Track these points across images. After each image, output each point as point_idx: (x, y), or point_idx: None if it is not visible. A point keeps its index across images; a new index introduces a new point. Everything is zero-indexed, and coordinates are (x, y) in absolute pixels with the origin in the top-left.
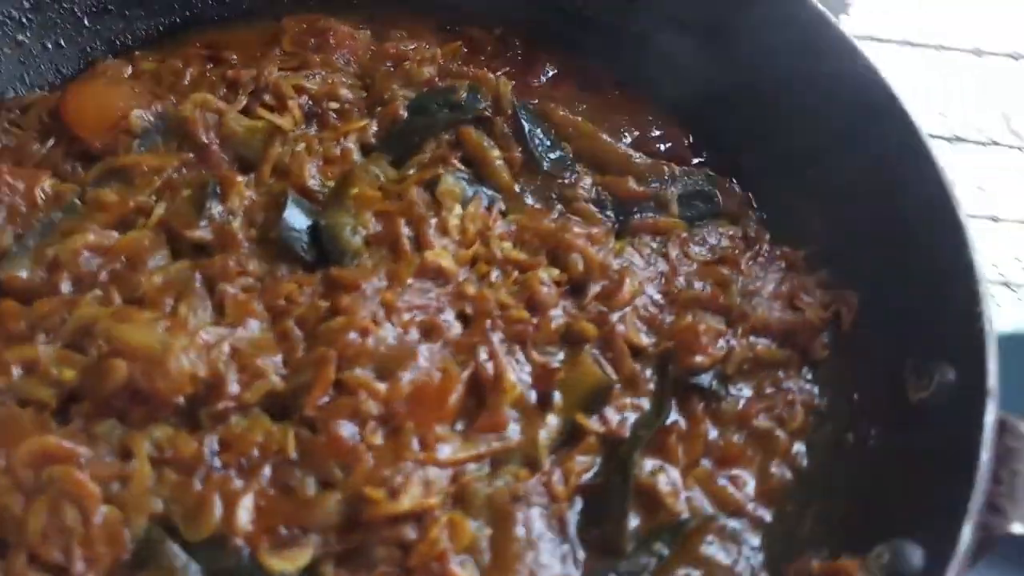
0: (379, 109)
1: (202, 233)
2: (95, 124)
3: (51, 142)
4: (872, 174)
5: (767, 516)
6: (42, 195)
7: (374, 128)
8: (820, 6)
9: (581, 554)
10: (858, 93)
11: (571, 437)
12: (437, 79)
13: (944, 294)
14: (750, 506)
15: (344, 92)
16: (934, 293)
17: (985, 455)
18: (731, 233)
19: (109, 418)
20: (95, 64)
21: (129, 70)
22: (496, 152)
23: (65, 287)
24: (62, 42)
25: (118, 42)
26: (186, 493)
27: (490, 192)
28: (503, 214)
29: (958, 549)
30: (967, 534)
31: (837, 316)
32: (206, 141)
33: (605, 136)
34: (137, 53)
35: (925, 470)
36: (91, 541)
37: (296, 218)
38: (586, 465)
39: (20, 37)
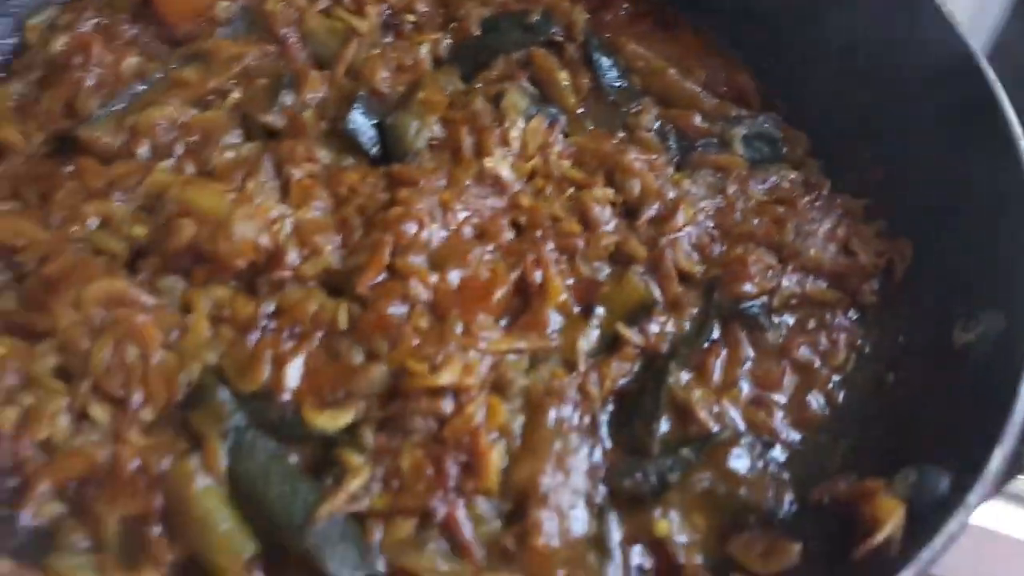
0: (453, 24)
1: (274, 119)
2: (182, 11)
3: (140, 25)
4: (938, 130)
5: (798, 442)
6: (128, 70)
7: (447, 42)
8: None
9: (608, 450)
10: (929, 48)
11: (610, 346)
12: (513, 2)
13: (997, 246)
14: (782, 431)
15: (421, 5)
16: (988, 246)
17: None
18: (792, 177)
19: (173, 275)
20: None
21: None
22: (564, 75)
23: (142, 153)
24: None
25: None
26: (239, 349)
27: (554, 112)
28: (565, 134)
29: (986, 472)
30: (997, 458)
31: (890, 264)
32: (285, 35)
33: (674, 72)
34: None
35: (962, 406)
36: (148, 379)
37: (364, 115)
38: (622, 371)
39: None
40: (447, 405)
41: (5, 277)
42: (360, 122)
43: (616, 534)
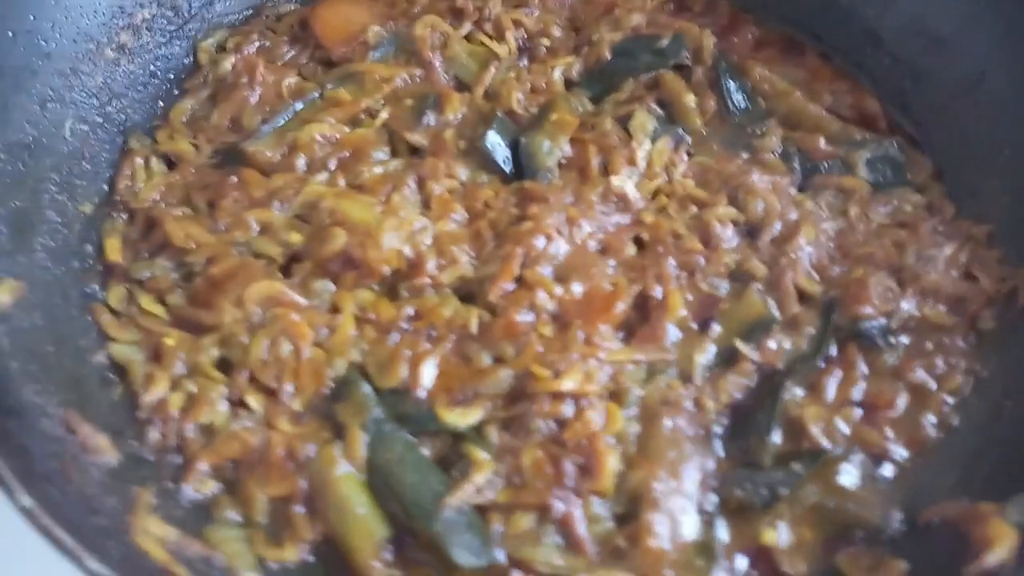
0: (585, 49)
1: (419, 137)
2: (337, 35)
3: (298, 48)
4: None
5: (909, 462)
6: (287, 90)
7: (579, 66)
8: None
9: (721, 461)
10: None
11: (727, 361)
12: (644, 27)
13: None
14: (893, 449)
15: (556, 30)
16: None
17: None
18: (915, 200)
19: (324, 278)
20: None
21: None
22: (691, 97)
23: (299, 166)
24: None
25: None
26: (381, 347)
27: (680, 133)
28: (690, 154)
29: None
30: None
31: (1013, 292)
32: (431, 59)
33: (800, 96)
34: None
35: None
36: (299, 373)
37: (499, 134)
38: (738, 386)
39: None
40: (568, 409)
41: (176, 276)
42: (495, 141)
43: (724, 540)
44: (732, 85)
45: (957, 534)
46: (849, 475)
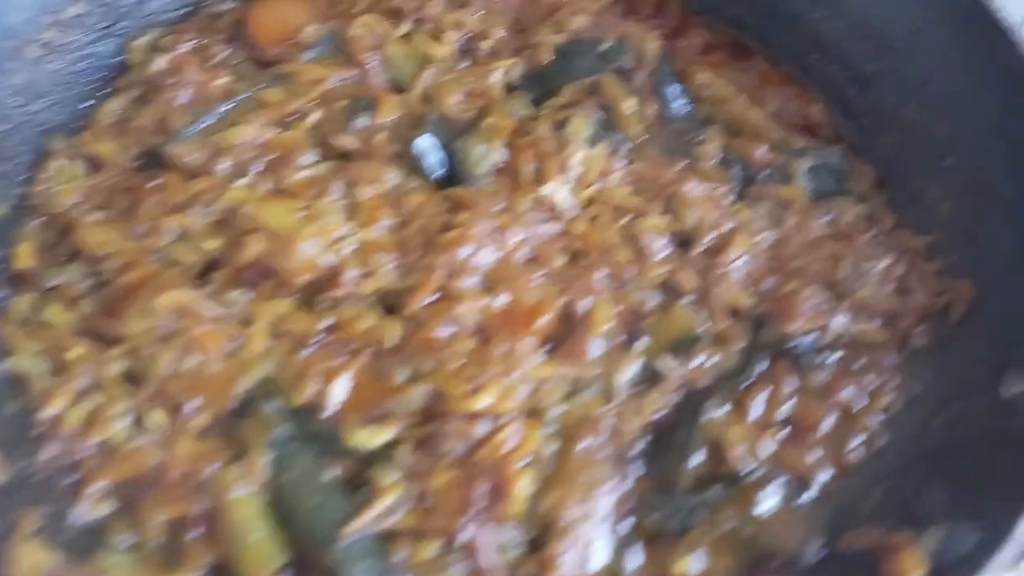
0: (527, 51)
1: (349, 141)
2: (272, 35)
3: (233, 48)
4: (1007, 170)
5: (832, 485)
6: (218, 90)
7: (520, 69)
8: None
9: (637, 484)
10: (1009, 85)
11: (651, 378)
12: (588, 30)
13: None
14: (817, 472)
15: (498, 32)
16: None
17: None
18: (855, 210)
19: (241, 287)
20: None
21: None
22: (630, 102)
23: (222, 170)
24: None
25: None
26: (293, 361)
27: (618, 139)
28: (627, 161)
29: (1011, 537)
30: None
31: (947, 306)
32: (366, 60)
33: (743, 102)
34: None
35: (1002, 462)
36: (205, 387)
37: (431, 139)
38: (660, 404)
39: None
40: (482, 429)
41: (89, 284)
42: (427, 145)
43: (636, 568)
44: (674, 90)
45: (873, 562)
46: (769, 500)
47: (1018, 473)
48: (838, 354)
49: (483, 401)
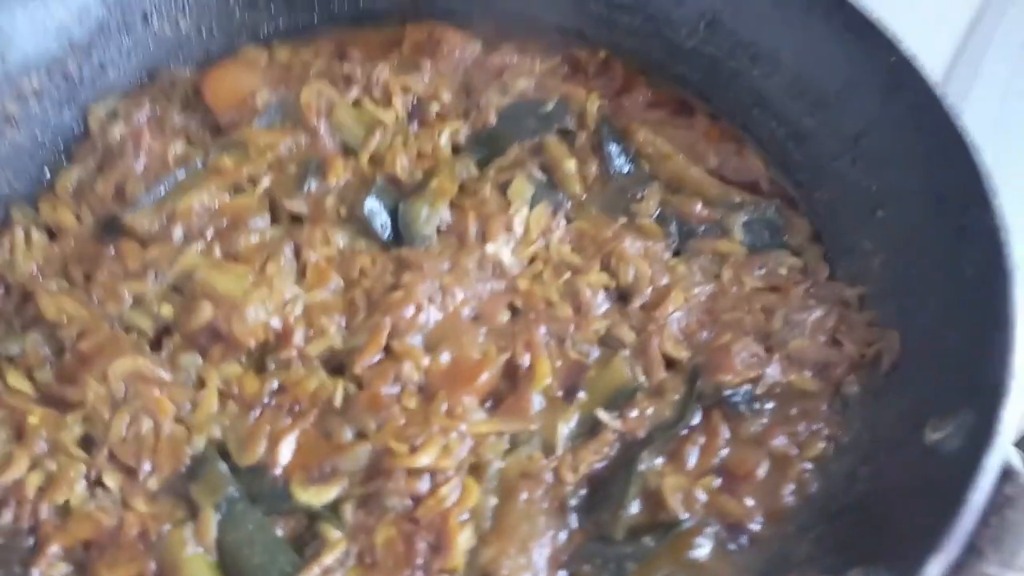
0: (473, 114)
1: (299, 204)
2: (227, 101)
3: (189, 114)
4: (935, 222)
5: (765, 532)
6: (173, 158)
7: (466, 131)
8: (904, 53)
9: (574, 535)
10: (933, 141)
11: (590, 431)
12: (532, 91)
13: (981, 345)
14: (750, 520)
15: (445, 95)
16: (973, 343)
17: (975, 496)
18: (791, 264)
19: (193, 352)
20: (238, 50)
21: (266, 58)
22: (572, 162)
23: (177, 236)
24: (214, 29)
25: (261, 33)
26: (242, 423)
27: (560, 198)
28: (569, 220)
29: None
30: (933, 568)
31: (878, 356)
32: (316, 125)
33: (682, 159)
34: (276, 44)
35: (918, 507)
36: (158, 450)
37: (378, 201)
38: (597, 457)
39: (180, 22)
40: (424, 485)
41: (46, 351)
42: (374, 207)
43: None
44: (615, 149)
45: None
46: (702, 548)
47: (930, 518)
48: (772, 404)
49: (424, 458)
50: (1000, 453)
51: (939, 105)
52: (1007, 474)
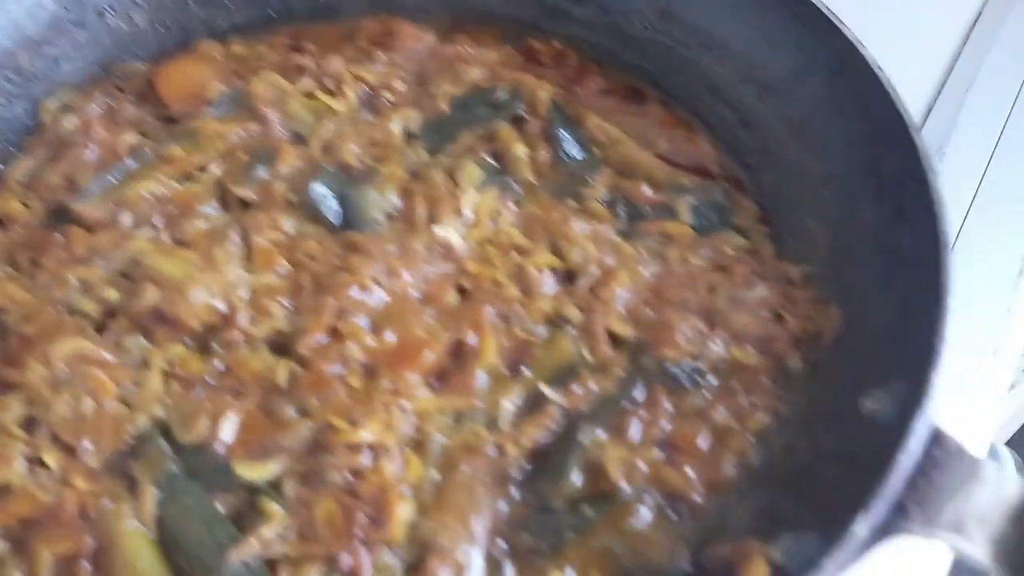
0: (426, 103)
1: (248, 191)
2: (179, 93)
3: (142, 106)
4: (877, 201)
5: (705, 504)
6: (124, 148)
7: (419, 119)
8: (849, 38)
9: (515, 507)
10: (875, 124)
11: (534, 406)
12: (484, 80)
13: (916, 316)
14: (691, 491)
15: (398, 85)
16: (910, 316)
17: (903, 459)
18: (737, 244)
19: (138, 334)
20: (194, 44)
21: (221, 51)
22: (522, 148)
23: (125, 223)
24: (168, 23)
25: (217, 27)
26: (185, 402)
27: (510, 183)
28: (519, 204)
29: (846, 538)
30: (860, 526)
31: (820, 331)
32: (267, 115)
33: (632, 144)
34: (232, 38)
35: (850, 474)
36: (99, 429)
37: (326, 187)
38: (540, 431)
39: (135, 16)
40: (365, 460)
41: None
42: (321, 192)
43: None
44: (566, 135)
45: (730, 572)
46: (641, 518)
47: (861, 483)
48: (714, 379)
49: (366, 433)
50: (930, 418)
51: (881, 87)
52: (936, 438)
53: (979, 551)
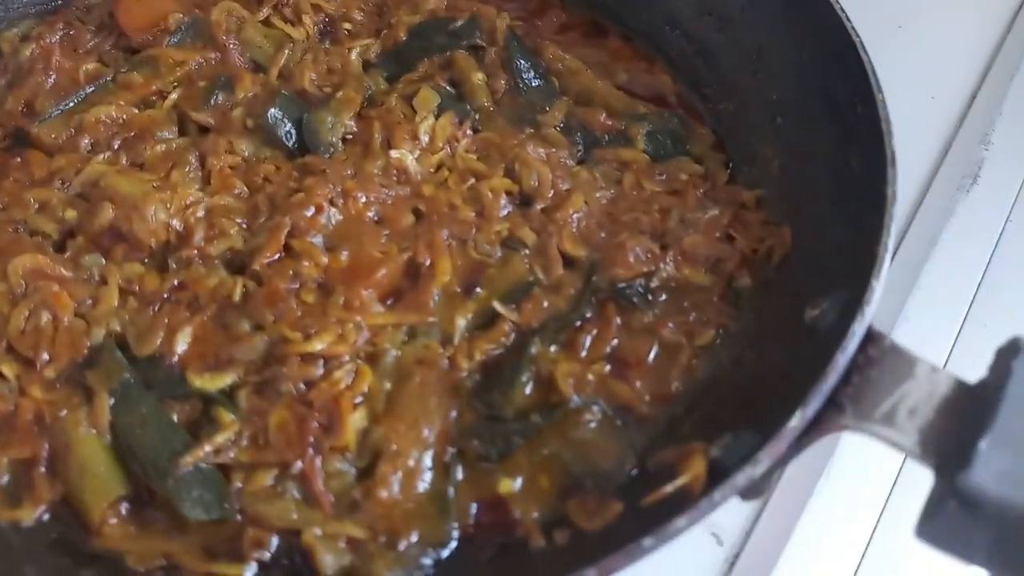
0: (384, 32)
1: (206, 116)
2: (140, 22)
3: (103, 36)
4: (828, 124)
5: (653, 414)
6: (84, 75)
7: (377, 48)
8: None
9: (466, 415)
10: (827, 49)
11: (488, 323)
12: (443, 11)
13: (859, 229)
14: (639, 403)
15: (357, 15)
16: (854, 230)
17: (840, 357)
18: (692, 170)
19: (96, 253)
20: None
21: None
22: (480, 75)
23: (84, 147)
24: None
25: None
26: (141, 317)
27: (467, 109)
28: (476, 130)
29: (783, 431)
30: (795, 420)
31: (770, 250)
32: (226, 43)
33: (590, 74)
34: None
35: (791, 379)
36: (56, 342)
37: (282, 111)
38: (494, 344)
39: None
40: (317, 371)
41: None
42: (277, 117)
43: (456, 491)
44: (523, 64)
45: (673, 472)
46: (588, 426)
47: (799, 384)
48: (665, 297)
49: (318, 344)
50: (867, 319)
51: (832, 11)
52: (872, 337)
53: (908, 440)
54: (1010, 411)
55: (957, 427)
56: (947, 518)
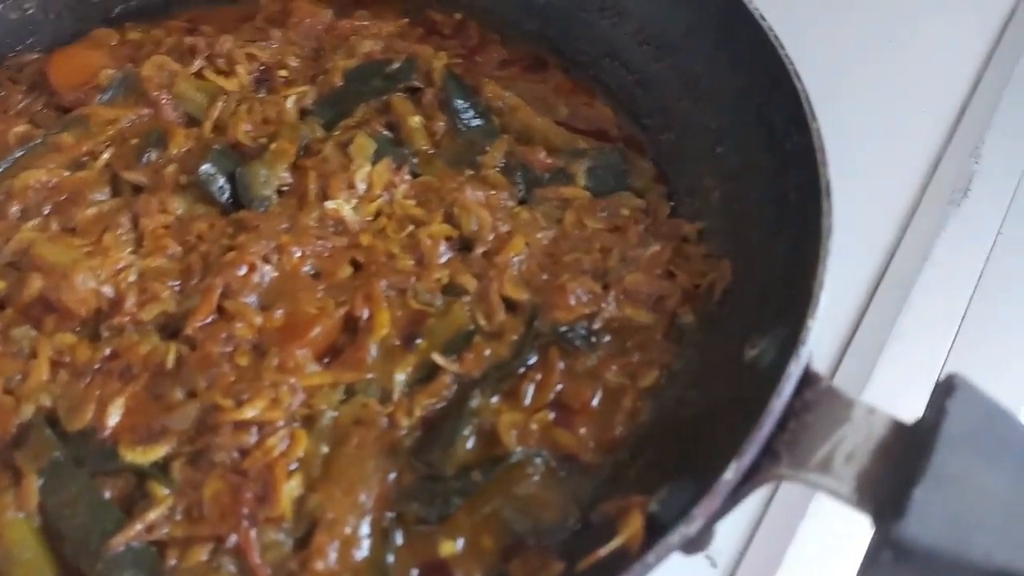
0: (320, 78)
1: (139, 175)
2: (71, 81)
3: (34, 96)
4: (766, 153)
5: (597, 461)
6: (14, 137)
7: (313, 94)
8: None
9: (405, 476)
10: (764, 76)
11: (428, 376)
12: (380, 53)
13: (797, 262)
14: (584, 451)
15: (292, 62)
16: (793, 262)
17: (775, 402)
18: (634, 205)
19: (26, 324)
20: (89, 33)
21: (117, 38)
22: (417, 118)
23: (14, 214)
24: (62, 12)
25: (113, 14)
26: (73, 390)
27: (405, 154)
28: (415, 175)
29: (718, 484)
30: (730, 472)
31: (712, 285)
32: (158, 98)
33: (530, 110)
34: (128, 24)
35: (734, 420)
36: None
37: (215, 166)
38: (434, 400)
39: (26, 6)
40: (251, 439)
41: None
42: (210, 173)
43: (396, 557)
44: (462, 104)
45: (614, 526)
46: (531, 480)
47: (737, 429)
48: (608, 338)
49: (250, 411)
50: (803, 360)
51: (766, 39)
52: (807, 380)
53: (844, 488)
54: (945, 453)
55: (893, 473)
56: (882, 569)
